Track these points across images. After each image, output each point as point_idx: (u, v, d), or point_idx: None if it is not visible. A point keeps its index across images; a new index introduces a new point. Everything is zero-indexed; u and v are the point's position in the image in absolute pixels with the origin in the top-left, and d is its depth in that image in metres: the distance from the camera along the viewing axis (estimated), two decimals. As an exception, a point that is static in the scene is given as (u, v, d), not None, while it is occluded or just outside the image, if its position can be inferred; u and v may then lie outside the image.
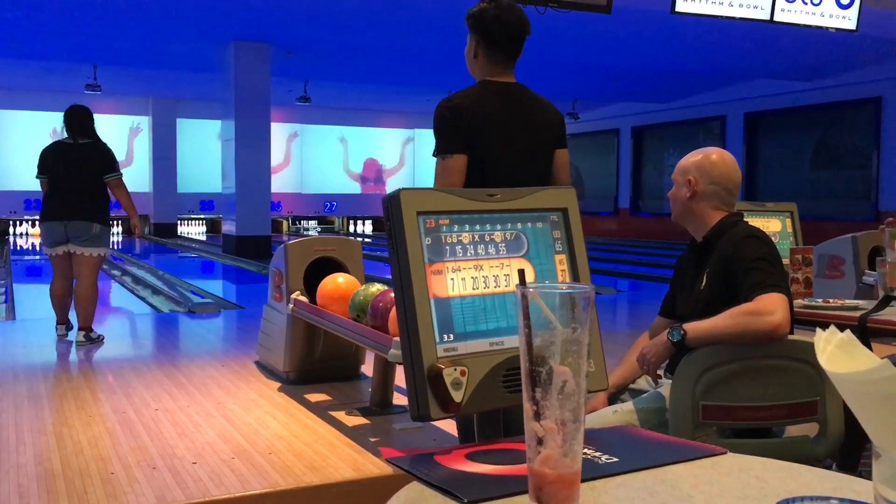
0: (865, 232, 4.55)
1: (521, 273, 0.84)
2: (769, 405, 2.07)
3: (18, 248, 17.11)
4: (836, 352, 0.76)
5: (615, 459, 1.05)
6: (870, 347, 2.75)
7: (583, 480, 0.82)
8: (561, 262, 1.25)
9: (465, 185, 2.60)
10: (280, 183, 22.40)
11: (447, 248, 1.17)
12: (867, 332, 2.64)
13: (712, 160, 2.28)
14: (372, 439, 3.37)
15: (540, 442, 0.77)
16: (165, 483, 2.80)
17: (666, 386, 2.17)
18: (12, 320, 7.50)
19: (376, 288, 3.69)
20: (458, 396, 1.10)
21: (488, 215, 1.21)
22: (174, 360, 5.08)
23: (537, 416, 0.77)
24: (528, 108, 2.73)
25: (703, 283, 2.19)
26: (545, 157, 2.75)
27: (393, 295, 3.49)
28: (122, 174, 5.54)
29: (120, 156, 20.30)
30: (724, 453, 1.09)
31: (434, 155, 2.66)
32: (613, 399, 2.37)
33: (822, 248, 4.56)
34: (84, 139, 5.55)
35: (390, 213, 1.15)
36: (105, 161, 5.54)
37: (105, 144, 5.63)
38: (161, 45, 13.21)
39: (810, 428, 2.15)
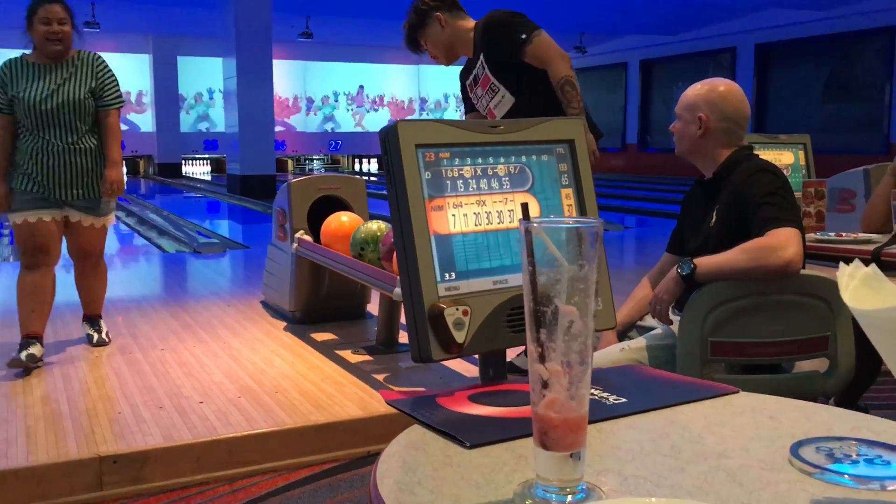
0: (877, 164, 4.46)
1: (525, 207, 0.79)
2: (779, 341, 2.03)
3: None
4: (860, 287, 0.71)
5: (623, 400, 1.01)
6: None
7: (590, 422, 0.78)
8: (567, 197, 1.20)
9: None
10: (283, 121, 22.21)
11: (448, 182, 1.12)
12: (881, 267, 2.59)
13: (722, 94, 2.18)
14: (378, 378, 3.37)
15: (545, 385, 0.73)
16: (172, 422, 2.81)
17: (675, 322, 2.14)
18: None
19: (377, 225, 3.65)
20: (460, 337, 1.06)
21: (491, 147, 1.15)
22: (180, 301, 5.08)
23: (542, 358, 0.73)
24: None
25: (714, 220, 2.13)
26: None
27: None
28: None
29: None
30: (737, 392, 1.06)
31: (524, 37, 3.10)
32: (621, 336, 2.34)
33: (833, 181, 4.48)
34: None
35: (387, 146, 1.09)
36: None
37: None
38: (159, -20, 12.92)
39: (820, 363, 2.12)
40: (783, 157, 3.30)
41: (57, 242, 3.64)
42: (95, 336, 3.88)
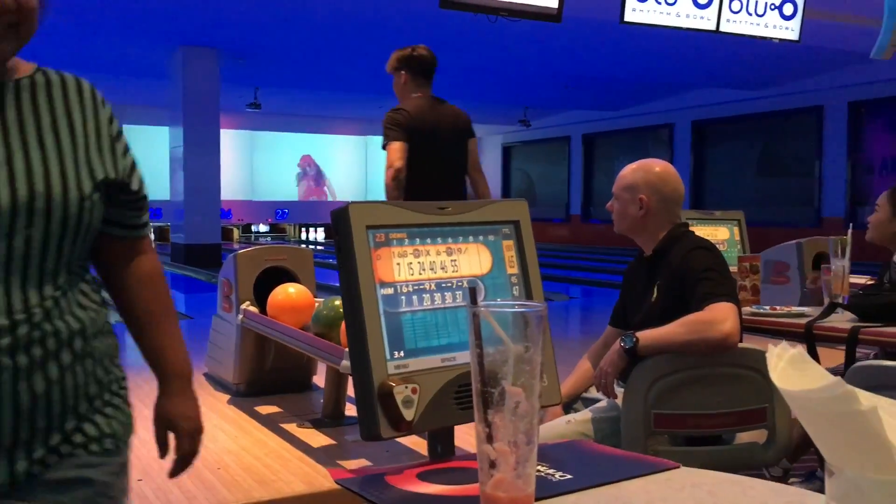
0: (809, 238, 4.64)
1: (472, 291, 0.82)
2: (719, 413, 2.09)
3: None
4: (787, 368, 0.76)
5: (569, 476, 1.04)
6: (816, 353, 2.81)
7: (536, 499, 0.80)
8: (513, 276, 1.24)
9: (413, 163, 3.86)
10: (230, 190, 22.15)
11: (398, 263, 1.15)
12: (814, 339, 2.69)
13: (660, 175, 2.28)
14: (324, 452, 3.32)
15: (492, 465, 0.75)
16: (110, 502, 2.72)
17: (620, 394, 2.18)
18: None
19: (339, 302, 3.64)
20: (409, 415, 1.07)
21: (439, 228, 1.19)
22: (120, 373, 4.95)
23: (489, 438, 0.75)
24: (447, 111, 4.10)
25: (655, 296, 2.20)
26: (462, 142, 4.09)
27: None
28: None
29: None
30: (677, 467, 1.09)
31: (383, 146, 3.94)
32: (567, 408, 2.37)
33: (768, 254, 4.63)
34: None
35: (339, 227, 1.12)
36: None
37: None
38: (107, 50, 12.94)
39: (759, 434, 2.18)
40: (719, 232, 3.43)
41: None
42: None
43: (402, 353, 1.12)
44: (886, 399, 0.75)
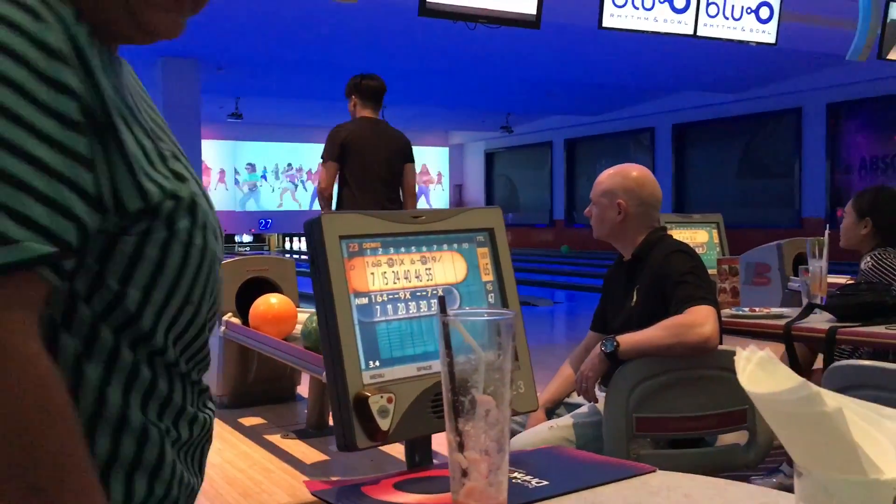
0: (789, 239, 4.68)
1: (442, 300, 0.82)
2: (700, 415, 2.09)
3: None
4: (756, 371, 0.76)
5: (545, 483, 1.04)
6: (795, 353, 2.83)
7: (512, 507, 0.80)
8: (488, 284, 1.24)
9: (348, 178, 4.47)
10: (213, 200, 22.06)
11: (372, 272, 1.15)
12: (792, 340, 2.71)
13: (637, 180, 2.29)
14: (308, 462, 3.31)
15: (464, 473, 0.75)
16: (92, 517, 2.69)
17: (601, 399, 2.19)
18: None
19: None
20: (384, 424, 1.07)
21: (413, 237, 1.19)
22: (102, 387, 4.91)
23: (461, 447, 0.75)
24: (384, 132, 4.61)
25: (635, 300, 2.21)
26: (397, 164, 4.59)
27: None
28: None
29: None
30: (653, 471, 1.09)
31: (321, 157, 4.54)
32: (549, 413, 2.37)
33: (749, 255, 4.67)
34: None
35: (312, 238, 1.12)
36: None
37: None
38: (85, 62, 12.85)
39: (741, 436, 2.19)
40: (698, 235, 3.45)
41: None
42: None
43: (377, 363, 1.12)
44: (853, 399, 0.75)
